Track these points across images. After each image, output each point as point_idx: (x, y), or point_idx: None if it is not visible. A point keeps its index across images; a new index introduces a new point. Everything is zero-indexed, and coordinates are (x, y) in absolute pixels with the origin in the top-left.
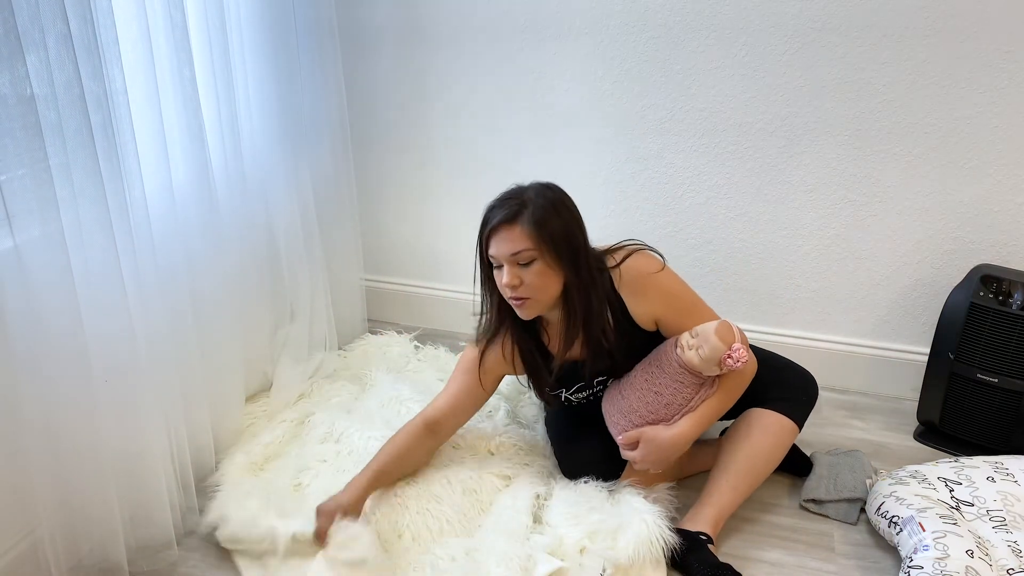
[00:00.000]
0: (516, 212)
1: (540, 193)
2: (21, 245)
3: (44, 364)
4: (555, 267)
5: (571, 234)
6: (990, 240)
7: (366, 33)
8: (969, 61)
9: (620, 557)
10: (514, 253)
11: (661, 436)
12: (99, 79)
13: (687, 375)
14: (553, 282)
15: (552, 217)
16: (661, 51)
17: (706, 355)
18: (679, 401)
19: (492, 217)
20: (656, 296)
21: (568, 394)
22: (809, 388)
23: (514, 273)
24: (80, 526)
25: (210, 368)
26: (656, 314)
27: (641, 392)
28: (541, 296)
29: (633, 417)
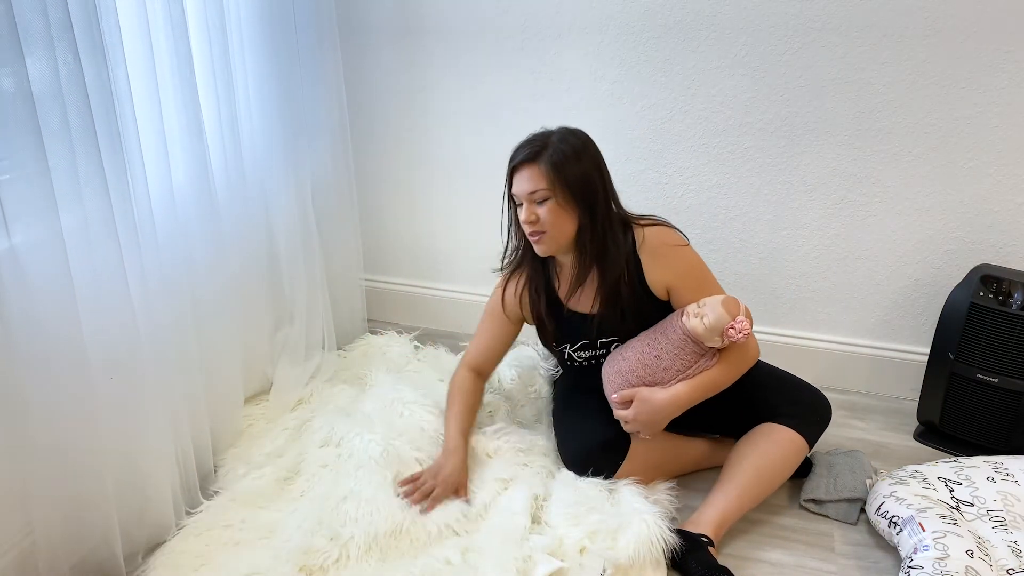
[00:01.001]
0: (536, 153)
1: (564, 138)
2: (22, 245)
3: (45, 364)
4: (569, 209)
5: (589, 180)
6: (990, 240)
7: (366, 33)
8: (969, 61)
9: (620, 557)
10: (530, 192)
11: (655, 397)
12: (103, 78)
13: (689, 343)
14: (567, 222)
15: (570, 161)
16: (661, 51)
17: (710, 323)
18: (677, 366)
19: (515, 156)
20: (673, 264)
21: (572, 350)
22: (823, 410)
23: (531, 210)
24: (80, 526)
25: (210, 368)
26: (669, 282)
27: (641, 355)
28: (555, 233)
29: (630, 377)
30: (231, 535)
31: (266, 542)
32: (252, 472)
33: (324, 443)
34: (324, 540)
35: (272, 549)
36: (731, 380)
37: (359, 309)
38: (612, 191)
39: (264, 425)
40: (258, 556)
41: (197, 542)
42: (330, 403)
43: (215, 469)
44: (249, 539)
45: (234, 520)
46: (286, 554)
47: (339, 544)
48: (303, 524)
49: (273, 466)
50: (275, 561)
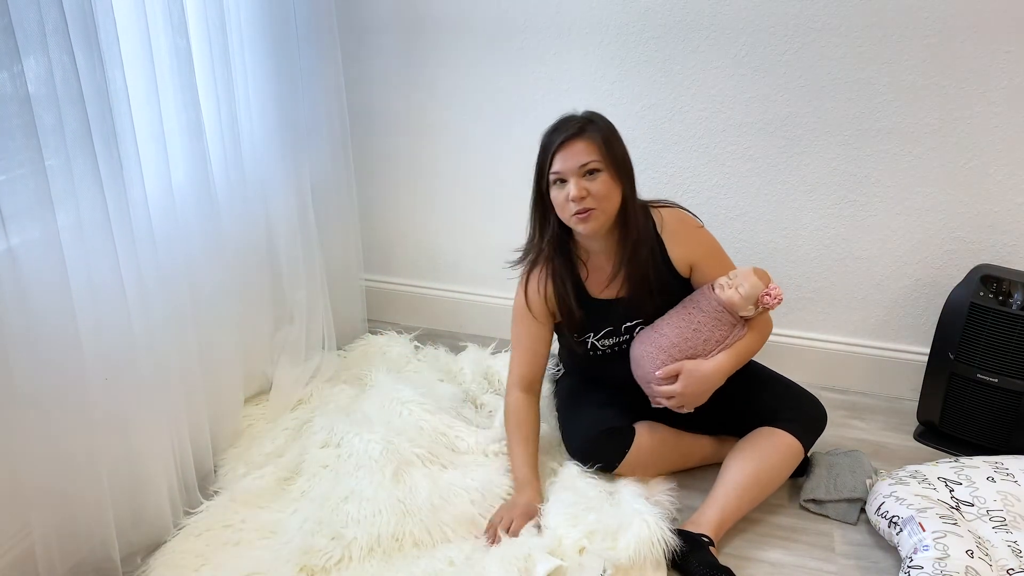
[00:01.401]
0: (582, 128)
1: (599, 117)
2: (19, 246)
3: (42, 365)
4: (616, 184)
5: (626, 158)
6: (990, 240)
7: (366, 33)
8: (969, 61)
9: (621, 557)
10: (582, 164)
11: (702, 368)
12: (99, 78)
13: (724, 314)
14: (615, 195)
15: (614, 136)
16: (661, 51)
17: (746, 292)
18: (716, 337)
19: (556, 136)
20: (695, 243)
21: (595, 339)
22: (820, 417)
23: (581, 185)
24: (78, 527)
25: (209, 368)
26: (693, 259)
27: (679, 329)
28: (605, 207)
29: (673, 352)
30: (231, 535)
31: (266, 542)
32: (252, 472)
33: (325, 444)
34: (325, 540)
35: (273, 550)
36: (759, 349)
37: (359, 309)
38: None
39: (264, 425)
40: (258, 556)
41: (197, 542)
42: (330, 403)
43: (215, 469)
44: (249, 539)
45: (234, 520)
46: (287, 555)
47: (341, 545)
48: (304, 525)
49: (273, 466)
50: (276, 561)
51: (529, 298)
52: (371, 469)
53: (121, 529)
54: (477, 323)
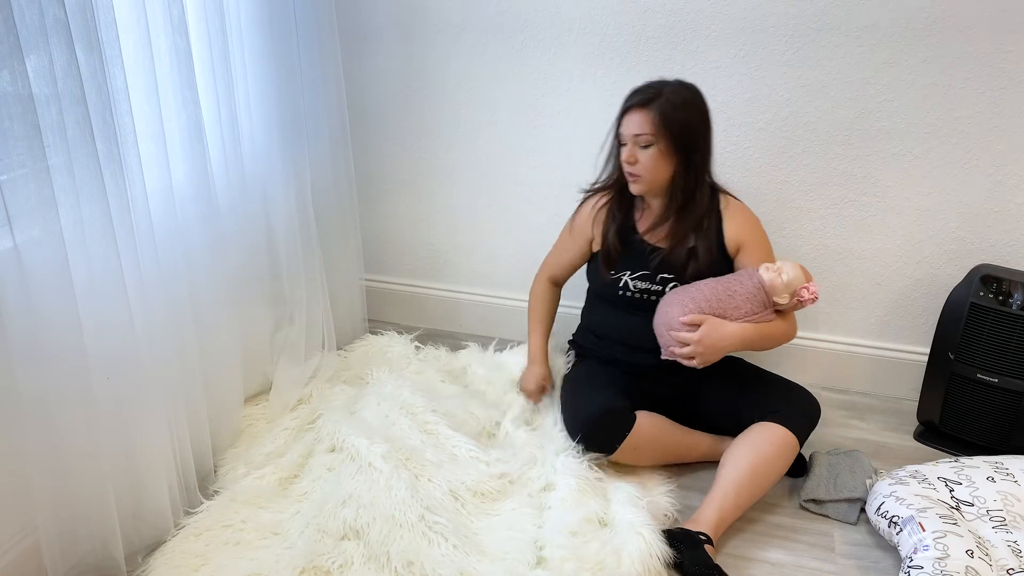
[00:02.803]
0: (648, 100)
1: (677, 90)
2: (21, 245)
3: (44, 364)
4: (669, 157)
5: (692, 133)
6: (990, 240)
7: (366, 33)
8: (969, 61)
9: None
10: (635, 135)
11: (725, 326)
12: (100, 78)
13: (760, 293)
14: (663, 168)
15: (678, 112)
16: (661, 51)
17: (787, 280)
18: (746, 309)
19: (627, 101)
20: (750, 227)
21: (630, 278)
22: (814, 411)
23: (632, 152)
24: (79, 526)
25: (209, 368)
26: (743, 238)
27: (714, 290)
28: (650, 177)
29: (703, 304)
30: (231, 535)
31: (267, 543)
32: (252, 472)
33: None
34: (327, 545)
35: (274, 552)
36: (779, 342)
37: (359, 309)
38: (710, 151)
39: (264, 425)
40: (259, 556)
41: (197, 542)
42: (331, 404)
43: (215, 469)
44: (249, 539)
45: (234, 520)
46: (288, 558)
47: (342, 549)
48: (305, 529)
49: (273, 466)
50: (277, 563)
51: (580, 212)
52: (371, 474)
53: (122, 528)
54: (477, 323)
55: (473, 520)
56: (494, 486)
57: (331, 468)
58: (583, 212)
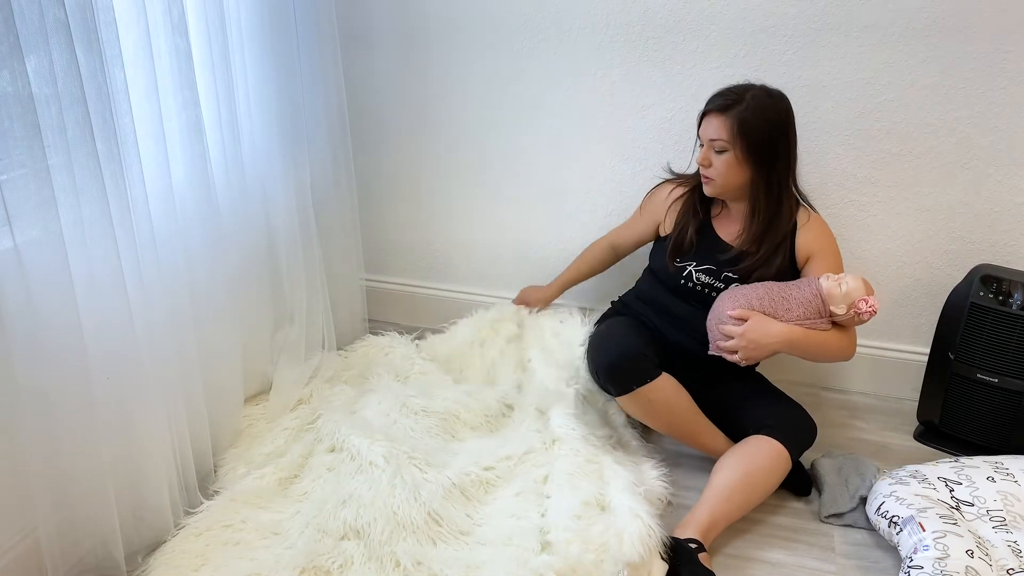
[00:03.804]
0: (728, 105)
1: (758, 96)
2: (21, 245)
3: (44, 364)
4: (745, 164)
5: (771, 141)
6: (990, 240)
7: (366, 33)
8: (969, 61)
9: (632, 557)
10: (711, 139)
11: (772, 324)
12: (100, 78)
13: (817, 300)
14: (737, 175)
15: (758, 119)
16: (661, 51)
17: (847, 290)
18: (798, 313)
19: (708, 104)
20: (823, 240)
21: (695, 269)
22: (810, 431)
23: (706, 155)
24: (79, 526)
25: (209, 368)
26: (814, 249)
27: (769, 290)
28: (723, 182)
29: (753, 302)
30: (231, 535)
31: (267, 543)
32: (252, 472)
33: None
34: (327, 545)
35: (274, 552)
36: (832, 354)
37: (359, 309)
38: (794, 160)
39: (264, 425)
40: (259, 556)
41: (197, 542)
42: (331, 404)
43: (215, 469)
44: (249, 539)
45: (234, 520)
46: (288, 558)
47: (342, 549)
48: (305, 529)
49: (273, 466)
50: (277, 563)
51: (655, 193)
52: (372, 473)
53: (122, 528)
54: None
55: (477, 509)
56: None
57: (331, 468)
58: (658, 194)
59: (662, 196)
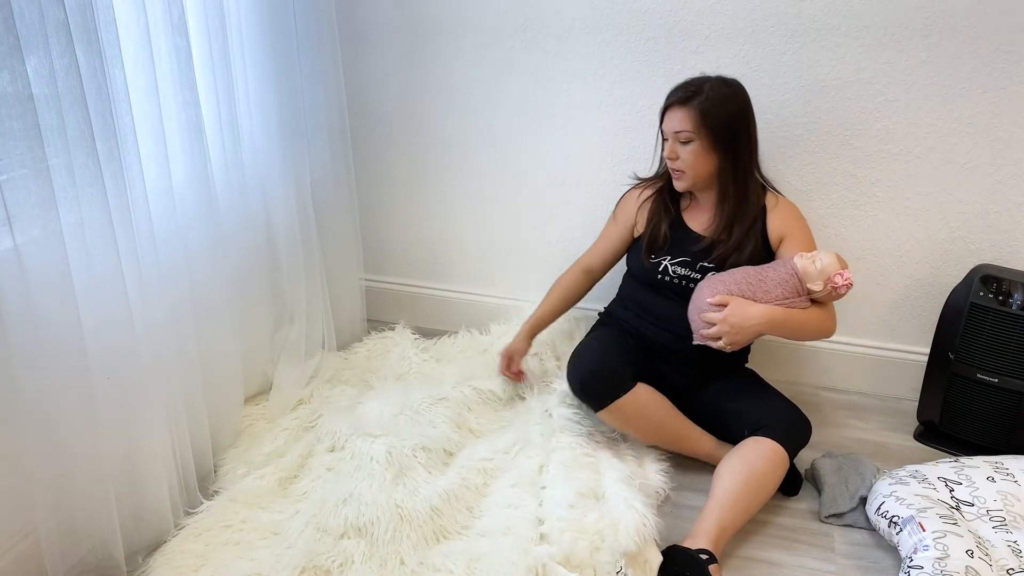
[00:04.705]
0: (689, 96)
1: (717, 86)
2: (21, 245)
3: (44, 364)
4: (711, 153)
5: (734, 128)
6: (990, 240)
7: (366, 33)
8: (969, 61)
9: (628, 546)
10: (676, 131)
11: (752, 306)
12: (100, 78)
13: (794, 279)
14: (705, 164)
15: (719, 108)
16: (661, 51)
17: (822, 266)
18: (777, 294)
19: (668, 98)
20: (794, 221)
21: (670, 263)
22: (805, 429)
23: (673, 148)
24: (79, 526)
25: (210, 368)
26: (785, 230)
27: (747, 275)
28: (692, 173)
29: (732, 287)
30: (231, 535)
31: (267, 543)
32: (252, 472)
33: (332, 448)
34: (326, 544)
35: (274, 552)
36: (814, 332)
37: (359, 309)
38: (756, 145)
39: (264, 425)
40: (259, 556)
41: (197, 542)
42: (332, 404)
43: (215, 469)
44: (249, 539)
45: (234, 520)
46: (288, 558)
47: (342, 548)
48: (305, 528)
49: (273, 466)
50: (277, 563)
51: (625, 199)
52: (372, 471)
53: (122, 528)
54: (476, 323)
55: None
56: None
57: (331, 468)
58: (628, 199)
59: (632, 199)
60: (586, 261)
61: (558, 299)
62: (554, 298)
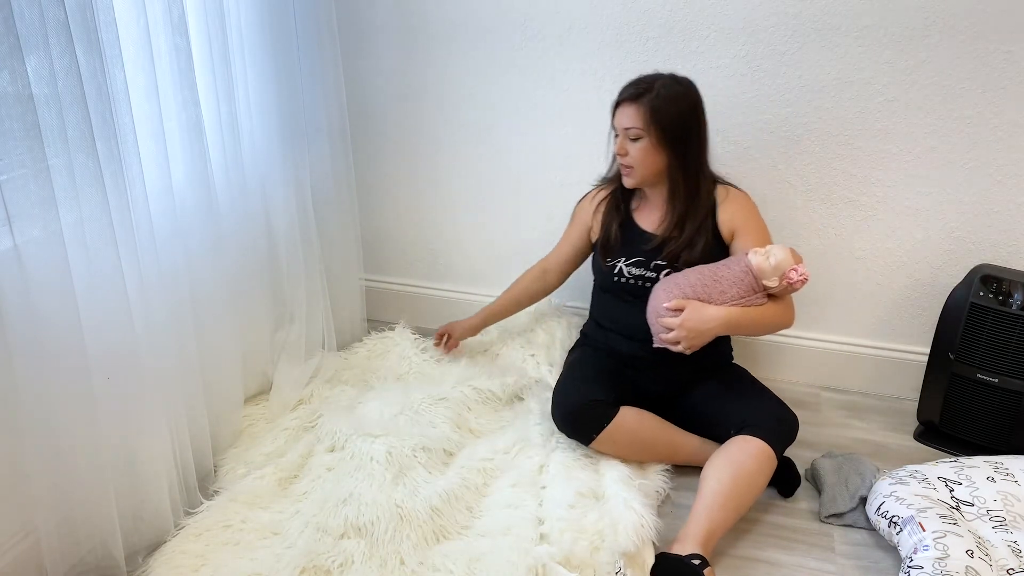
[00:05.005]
0: (639, 94)
1: (667, 84)
2: (21, 245)
3: (44, 364)
4: (660, 149)
5: (682, 126)
6: (990, 240)
7: (366, 33)
8: (969, 61)
9: (627, 546)
10: (625, 128)
11: (707, 309)
12: (100, 78)
13: (748, 277)
14: (654, 161)
15: (668, 106)
16: (661, 51)
17: (775, 263)
18: (732, 293)
19: (619, 95)
20: (744, 213)
21: (625, 264)
22: (792, 425)
23: (622, 145)
24: (79, 526)
25: (210, 368)
26: (737, 224)
27: (700, 275)
28: (641, 170)
29: (687, 290)
30: (231, 535)
31: (267, 543)
32: (252, 472)
33: (331, 448)
34: (326, 544)
35: (274, 552)
36: (772, 327)
37: (358, 309)
38: (705, 143)
39: (264, 425)
40: (259, 556)
41: (197, 542)
42: (331, 404)
43: (215, 469)
44: (249, 539)
45: (234, 520)
46: (288, 558)
47: (342, 548)
48: (305, 528)
49: (273, 466)
50: (277, 563)
51: (582, 202)
52: (372, 471)
53: (122, 528)
54: None
55: (478, 501)
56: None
57: (331, 468)
58: (583, 202)
59: (587, 202)
60: (545, 261)
61: (512, 296)
62: (509, 295)
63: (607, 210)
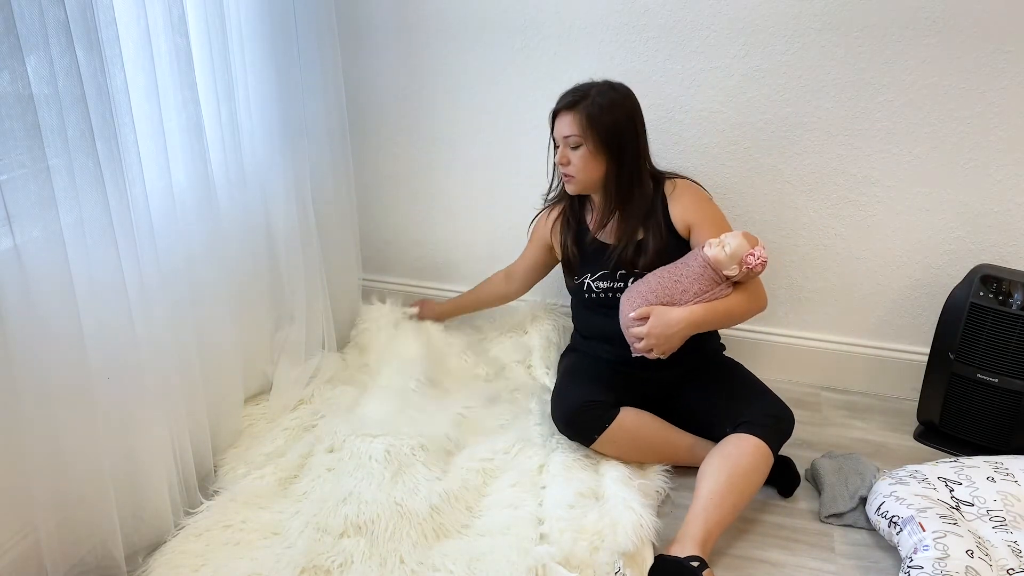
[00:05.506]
0: (575, 102)
1: (603, 91)
2: (21, 245)
3: (44, 364)
4: (599, 156)
5: (620, 132)
6: (990, 240)
7: (366, 33)
8: (969, 61)
9: (626, 546)
10: (564, 136)
11: (671, 313)
12: (100, 78)
13: (708, 270)
14: (595, 168)
15: (605, 113)
16: (661, 51)
17: (731, 251)
18: (694, 290)
19: (557, 104)
20: (696, 205)
21: (591, 280)
22: (787, 421)
23: (563, 153)
24: (79, 526)
25: (210, 368)
26: (691, 219)
27: (660, 279)
28: (582, 177)
29: (649, 296)
30: (231, 535)
31: (267, 543)
32: (252, 472)
33: (331, 448)
34: (326, 544)
35: (274, 552)
36: (743, 315)
37: (359, 309)
38: (645, 146)
39: (264, 425)
40: (259, 556)
41: (197, 542)
42: (331, 404)
43: (215, 469)
44: (249, 539)
45: (234, 520)
46: (288, 558)
47: (342, 548)
48: (305, 528)
49: (273, 466)
50: (277, 563)
51: (539, 224)
52: (371, 470)
53: (122, 528)
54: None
55: (477, 501)
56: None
57: (331, 468)
58: (540, 222)
59: (542, 221)
60: (510, 267)
61: (476, 296)
62: (474, 294)
63: (562, 228)
